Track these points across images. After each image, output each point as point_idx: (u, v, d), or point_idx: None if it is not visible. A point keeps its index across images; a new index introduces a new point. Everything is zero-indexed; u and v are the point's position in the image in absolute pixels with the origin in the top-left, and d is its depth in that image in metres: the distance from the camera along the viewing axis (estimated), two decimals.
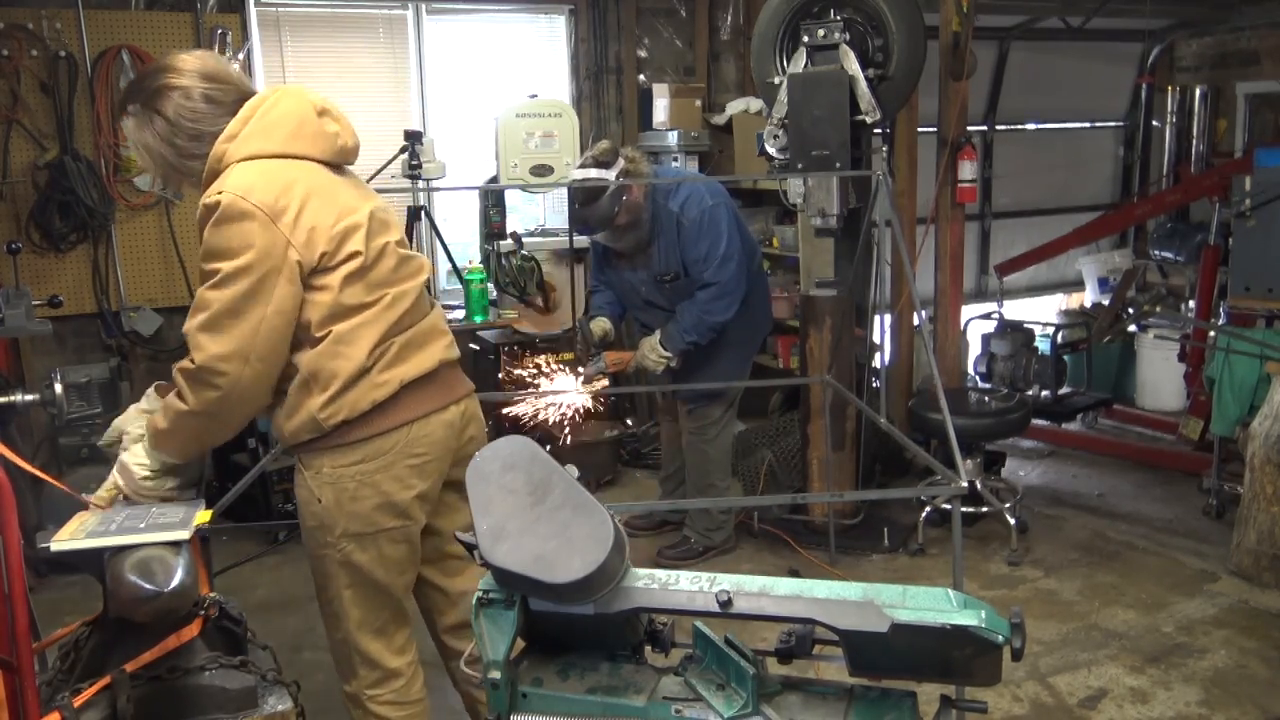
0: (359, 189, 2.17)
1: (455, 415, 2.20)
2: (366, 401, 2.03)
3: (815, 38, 3.77)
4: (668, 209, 3.79)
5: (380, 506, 2.09)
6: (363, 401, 2.03)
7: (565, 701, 1.48)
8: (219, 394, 1.97)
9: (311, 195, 2.00)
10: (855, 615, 1.39)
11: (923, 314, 3.42)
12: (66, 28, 4.45)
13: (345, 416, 2.03)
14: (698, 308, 3.81)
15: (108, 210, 4.55)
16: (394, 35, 5.26)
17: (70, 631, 1.96)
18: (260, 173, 1.98)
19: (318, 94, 2.14)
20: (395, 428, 2.07)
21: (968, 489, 2.51)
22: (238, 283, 1.93)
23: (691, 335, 3.83)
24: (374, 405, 2.04)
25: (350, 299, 2.02)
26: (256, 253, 1.92)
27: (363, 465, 2.07)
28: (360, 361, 2.02)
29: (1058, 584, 3.91)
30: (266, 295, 1.94)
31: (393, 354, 2.07)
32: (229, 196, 1.92)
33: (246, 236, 1.92)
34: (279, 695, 1.92)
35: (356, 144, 2.18)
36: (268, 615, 3.72)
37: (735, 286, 3.81)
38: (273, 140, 2.02)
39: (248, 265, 1.92)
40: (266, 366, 1.99)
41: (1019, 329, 5.11)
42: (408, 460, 2.10)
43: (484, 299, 4.69)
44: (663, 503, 4.42)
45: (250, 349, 1.95)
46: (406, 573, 2.22)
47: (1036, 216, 6.94)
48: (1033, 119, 6.97)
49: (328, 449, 2.07)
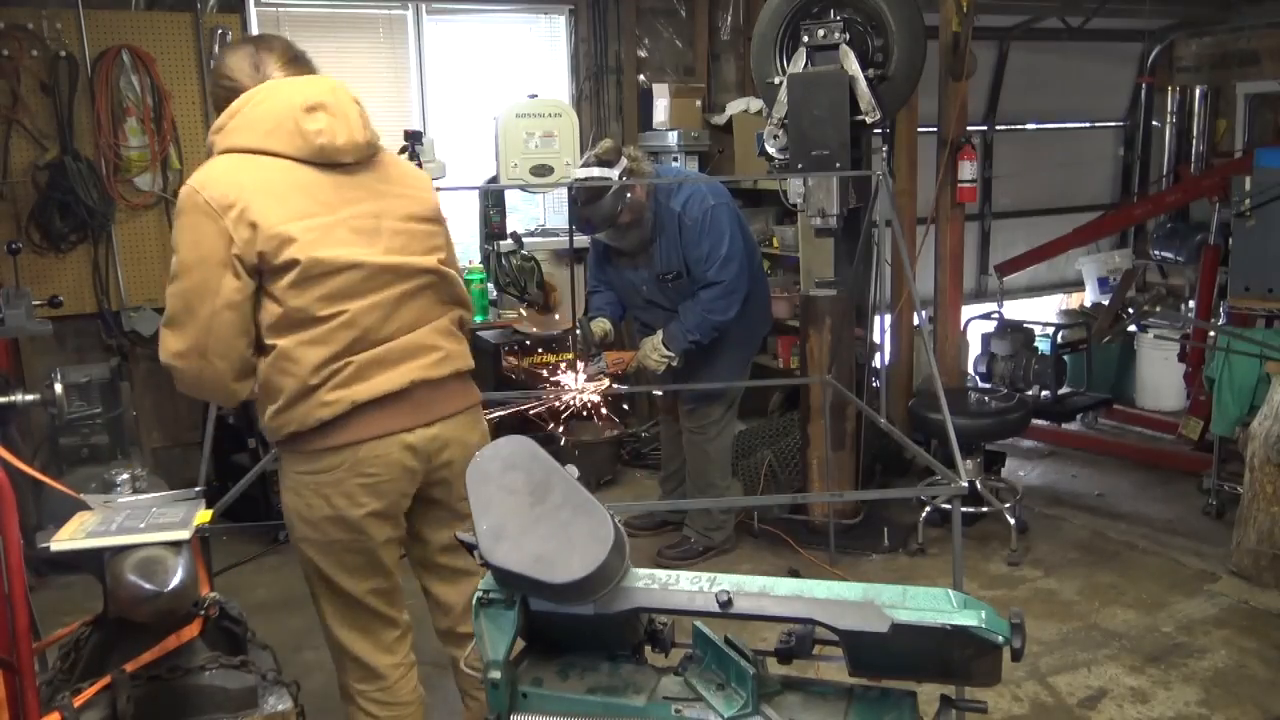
0: (357, 190, 2.06)
1: (422, 439, 2.10)
2: (313, 419, 2.01)
3: (815, 38, 3.77)
4: (669, 208, 3.81)
5: (330, 519, 2.07)
6: (309, 418, 2.01)
7: (565, 701, 1.48)
8: (186, 387, 2.02)
9: (262, 193, 1.95)
10: (855, 615, 1.39)
11: (923, 314, 3.43)
12: (66, 28, 4.44)
13: (294, 429, 2.02)
14: (701, 307, 3.83)
15: (108, 210, 4.55)
16: (394, 35, 5.26)
17: (70, 631, 1.96)
18: (226, 167, 1.98)
19: (324, 87, 2.06)
20: (342, 446, 2.03)
21: (968, 489, 2.51)
22: (188, 276, 1.94)
23: (695, 334, 3.85)
24: (320, 423, 2.01)
25: (299, 312, 1.98)
26: (202, 247, 1.93)
27: (315, 476, 2.05)
28: (304, 379, 1.99)
29: (1058, 584, 3.91)
30: (214, 289, 1.93)
31: (348, 373, 2.01)
32: (186, 189, 1.95)
33: (195, 229, 1.93)
34: (279, 695, 1.92)
35: (350, 142, 2.05)
36: (268, 615, 3.71)
37: (738, 286, 3.83)
38: (252, 135, 2.00)
39: (197, 260, 1.93)
40: (228, 363, 1.98)
41: (1019, 329, 5.11)
42: (357, 479, 2.05)
43: (484, 299, 4.69)
44: (663, 503, 4.42)
45: (205, 345, 1.95)
46: (370, 580, 2.17)
47: (1036, 216, 6.94)
48: (1033, 119, 6.97)
49: (290, 453, 2.09)
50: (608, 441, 5.14)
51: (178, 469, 4.82)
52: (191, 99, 4.73)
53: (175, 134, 4.69)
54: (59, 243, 4.54)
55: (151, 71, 4.59)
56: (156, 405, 4.90)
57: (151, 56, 4.59)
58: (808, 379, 4.25)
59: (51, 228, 4.50)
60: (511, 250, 4.94)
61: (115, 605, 1.81)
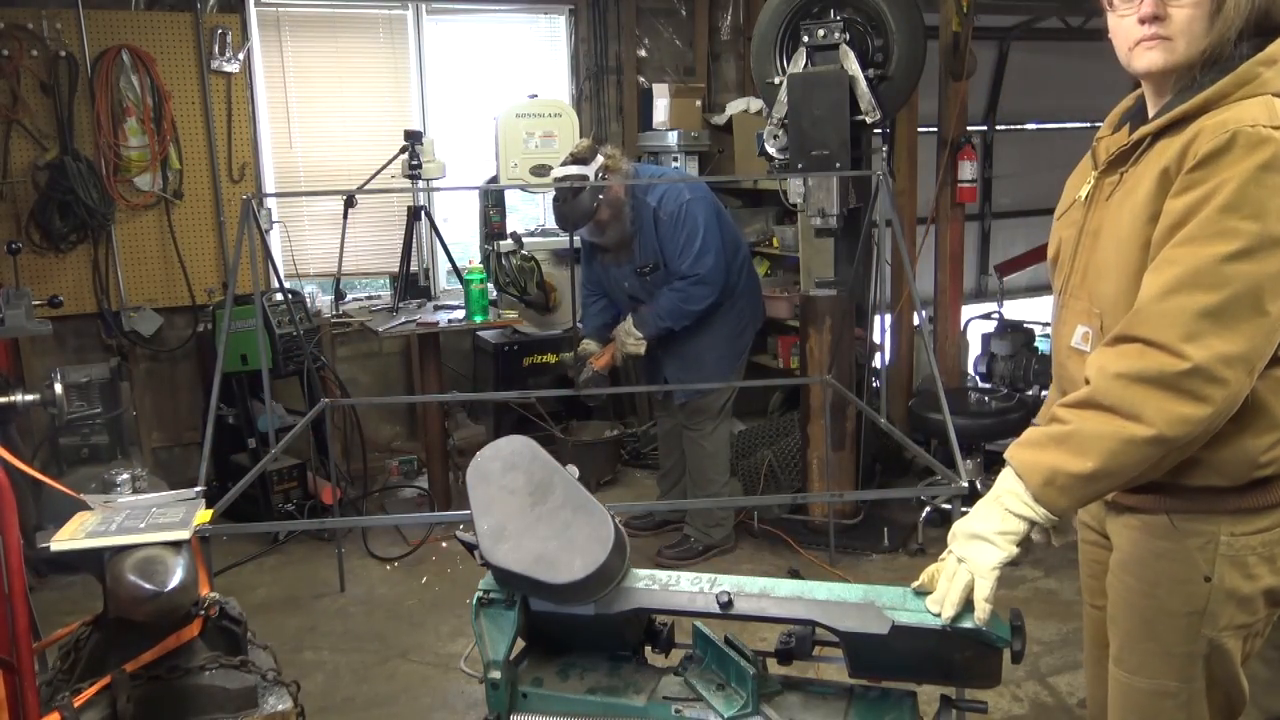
0: None
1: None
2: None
3: (815, 38, 3.77)
4: (645, 203, 3.90)
5: (1269, 591, 1.58)
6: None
7: (565, 701, 1.48)
8: (1207, 411, 1.40)
9: None
10: (856, 617, 1.40)
11: (923, 314, 3.42)
12: (66, 28, 4.44)
13: (1273, 471, 1.52)
14: (675, 294, 3.91)
15: (108, 210, 4.55)
16: (394, 35, 5.26)
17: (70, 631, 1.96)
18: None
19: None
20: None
21: (968, 489, 2.51)
22: (1269, 259, 1.38)
23: (666, 321, 3.93)
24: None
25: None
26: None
27: (1266, 535, 1.55)
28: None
29: (1058, 584, 3.91)
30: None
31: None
32: None
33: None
34: (279, 695, 1.92)
35: None
36: (268, 615, 3.72)
37: (714, 278, 3.89)
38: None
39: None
40: (1250, 384, 1.44)
41: (1019, 329, 5.10)
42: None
43: (484, 299, 4.68)
44: (662, 503, 4.42)
45: (1258, 357, 1.42)
46: None
47: (1036, 216, 6.93)
48: (1033, 119, 6.97)
49: (1223, 513, 1.55)
50: (608, 441, 5.14)
51: (178, 469, 4.83)
52: (191, 99, 4.73)
53: (175, 134, 4.69)
54: (59, 243, 4.54)
55: (151, 71, 4.59)
56: (156, 405, 4.90)
57: (151, 56, 4.59)
58: (808, 379, 4.25)
59: (51, 228, 4.50)
60: (511, 250, 4.94)
61: (115, 605, 1.81)
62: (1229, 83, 1.45)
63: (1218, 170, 1.40)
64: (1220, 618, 1.56)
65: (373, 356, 5.35)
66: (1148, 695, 1.63)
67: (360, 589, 4.00)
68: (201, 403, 4.82)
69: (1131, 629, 1.65)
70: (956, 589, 1.41)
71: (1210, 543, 1.54)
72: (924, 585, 1.46)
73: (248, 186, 4.85)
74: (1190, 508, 1.55)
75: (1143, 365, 1.40)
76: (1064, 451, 1.45)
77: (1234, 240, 1.38)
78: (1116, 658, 1.68)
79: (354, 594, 3.96)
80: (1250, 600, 1.56)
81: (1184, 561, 1.56)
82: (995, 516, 1.49)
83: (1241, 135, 1.40)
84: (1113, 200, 1.60)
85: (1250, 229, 1.37)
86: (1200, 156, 1.42)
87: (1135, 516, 1.63)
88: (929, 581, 1.46)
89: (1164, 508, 1.57)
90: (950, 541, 1.51)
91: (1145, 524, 1.61)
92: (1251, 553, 1.53)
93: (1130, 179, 1.57)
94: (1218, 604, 1.55)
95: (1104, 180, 1.64)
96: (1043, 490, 1.45)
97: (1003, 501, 1.49)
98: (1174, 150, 1.48)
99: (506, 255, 4.96)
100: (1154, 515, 1.59)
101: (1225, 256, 1.38)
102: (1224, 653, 1.59)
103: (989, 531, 1.48)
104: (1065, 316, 1.70)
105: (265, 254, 3.91)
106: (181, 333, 4.88)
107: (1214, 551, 1.54)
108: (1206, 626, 1.57)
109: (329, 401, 3.81)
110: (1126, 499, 1.62)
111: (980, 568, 1.43)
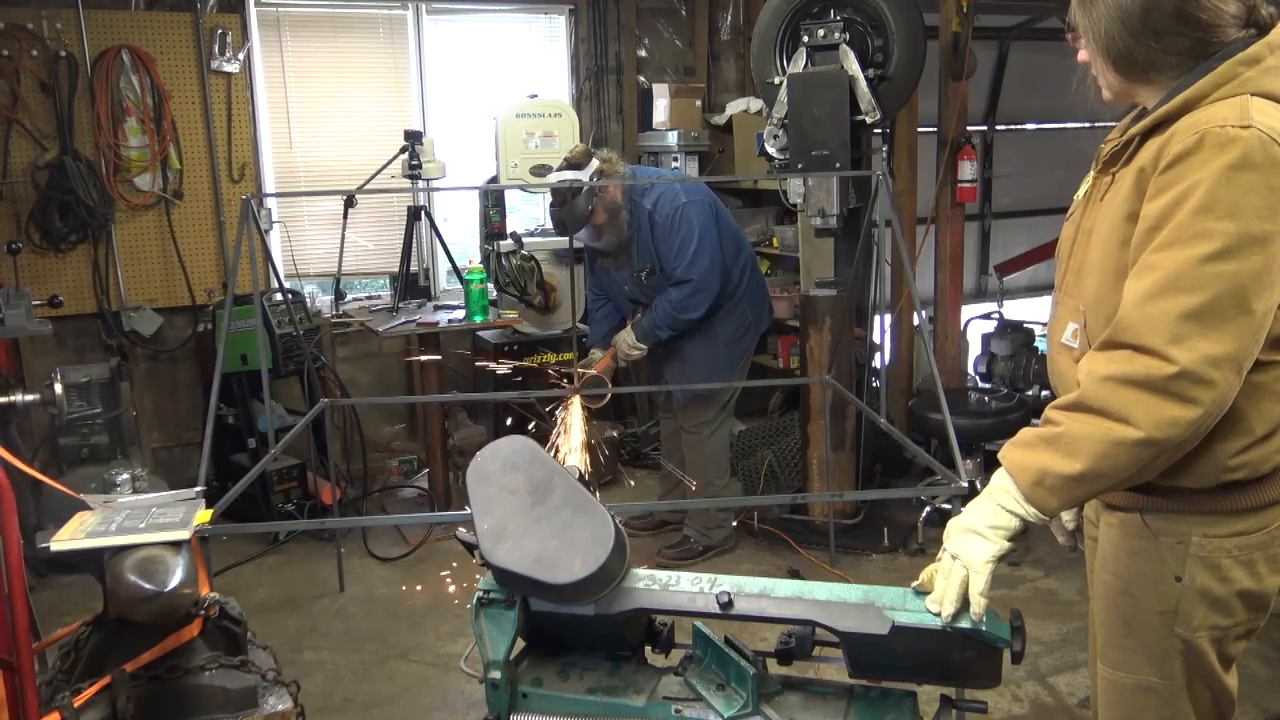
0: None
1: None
2: (1271, 464, 1.53)
3: (815, 38, 3.77)
4: (642, 206, 3.90)
5: (1244, 594, 1.58)
6: (1266, 463, 1.52)
7: (565, 701, 1.48)
8: (1196, 414, 1.39)
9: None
10: (856, 617, 1.40)
11: (923, 314, 3.42)
12: (66, 28, 4.44)
13: (1243, 475, 1.53)
14: (670, 304, 3.91)
15: (108, 210, 4.55)
16: (394, 35, 5.26)
17: (70, 631, 1.96)
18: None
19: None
20: None
21: (968, 489, 2.50)
22: (1248, 256, 1.38)
23: (664, 331, 3.95)
24: (1275, 469, 1.54)
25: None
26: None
27: (1241, 539, 1.56)
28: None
29: (1058, 584, 3.91)
30: (1276, 277, 1.41)
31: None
32: (1255, 135, 1.39)
33: (1275, 193, 1.39)
34: (279, 695, 1.92)
35: None
36: (268, 615, 3.72)
37: (708, 283, 3.88)
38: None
39: (1268, 234, 1.38)
40: (1239, 385, 1.43)
41: (1019, 329, 5.11)
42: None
43: (484, 299, 4.68)
44: (663, 503, 4.42)
45: (1244, 356, 1.41)
46: (1232, 675, 1.68)
47: (1036, 216, 6.94)
48: (1033, 119, 6.97)
49: (1197, 513, 1.57)
50: (608, 442, 5.14)
51: (178, 469, 4.83)
52: (191, 99, 4.73)
53: (175, 134, 4.69)
54: (59, 243, 4.54)
55: (151, 71, 4.59)
56: (156, 405, 4.90)
57: (151, 56, 4.59)
58: (808, 379, 4.25)
59: (51, 228, 4.50)
60: (511, 250, 4.94)
61: (115, 605, 1.81)
62: (1208, 83, 1.46)
63: (1188, 172, 1.42)
64: (1193, 618, 1.57)
65: (373, 356, 5.36)
66: (1131, 691, 1.65)
67: (360, 589, 4.00)
68: (201, 403, 4.82)
69: (1112, 625, 1.66)
70: (953, 586, 1.43)
71: (1181, 543, 1.55)
72: (924, 585, 1.47)
73: (248, 186, 4.85)
74: (1162, 507, 1.57)
75: (1131, 369, 1.41)
76: (1054, 452, 1.46)
77: (1210, 241, 1.38)
78: (1101, 654, 1.70)
79: (354, 594, 3.96)
80: (1224, 602, 1.56)
81: (1156, 560, 1.58)
82: (988, 511, 1.51)
83: (1210, 136, 1.41)
84: (1104, 200, 1.61)
85: (1226, 229, 1.38)
86: (1171, 158, 1.44)
87: (1114, 514, 1.65)
88: (929, 581, 1.48)
89: (1138, 506, 1.59)
90: (945, 539, 1.52)
91: (1122, 522, 1.63)
92: (1226, 555, 1.54)
93: (1120, 179, 1.58)
94: (1189, 604, 1.56)
95: (1100, 180, 1.66)
96: (1032, 490, 1.48)
97: (995, 498, 1.52)
98: (1151, 151, 1.49)
99: (506, 255, 4.96)
100: (1129, 514, 1.61)
101: (1203, 258, 1.38)
102: (1199, 653, 1.59)
103: (981, 525, 1.50)
104: (1059, 313, 1.72)
105: (265, 254, 3.91)
106: (181, 333, 4.88)
107: (1185, 552, 1.55)
108: (1179, 626, 1.58)
109: (329, 401, 3.81)
110: (1110, 497, 1.63)
111: (974, 561, 1.45)
